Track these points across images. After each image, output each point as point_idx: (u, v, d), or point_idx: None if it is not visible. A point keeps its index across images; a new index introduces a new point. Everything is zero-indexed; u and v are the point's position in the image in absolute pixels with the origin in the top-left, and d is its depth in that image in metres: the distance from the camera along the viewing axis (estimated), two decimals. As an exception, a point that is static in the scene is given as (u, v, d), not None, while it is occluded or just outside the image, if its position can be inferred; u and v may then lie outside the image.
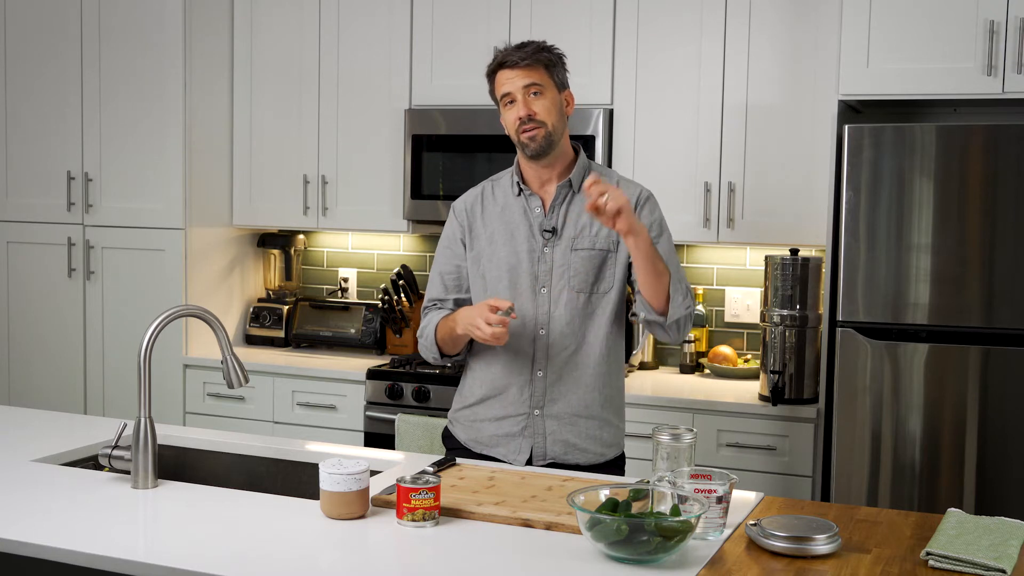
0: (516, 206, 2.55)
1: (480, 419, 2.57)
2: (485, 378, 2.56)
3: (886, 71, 3.23)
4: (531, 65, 2.45)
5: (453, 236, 2.61)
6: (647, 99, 3.76)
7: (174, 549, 1.86)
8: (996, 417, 3.09)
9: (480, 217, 2.58)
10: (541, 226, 2.52)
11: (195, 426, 4.00)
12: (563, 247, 2.50)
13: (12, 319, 4.47)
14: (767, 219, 3.62)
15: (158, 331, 2.25)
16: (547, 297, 2.50)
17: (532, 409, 2.52)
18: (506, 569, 1.80)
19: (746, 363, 3.86)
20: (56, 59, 4.31)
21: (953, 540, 1.86)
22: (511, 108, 2.48)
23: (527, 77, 2.45)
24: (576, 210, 2.51)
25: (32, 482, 2.26)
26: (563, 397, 2.51)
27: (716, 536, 1.95)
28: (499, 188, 2.60)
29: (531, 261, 2.51)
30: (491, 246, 2.55)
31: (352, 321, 4.32)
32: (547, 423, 2.51)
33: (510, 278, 2.52)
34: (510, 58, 2.46)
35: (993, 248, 3.06)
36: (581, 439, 2.52)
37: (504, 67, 2.47)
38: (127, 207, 4.24)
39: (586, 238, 2.50)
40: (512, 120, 2.48)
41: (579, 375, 2.51)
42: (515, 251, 2.52)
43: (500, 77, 2.49)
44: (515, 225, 2.54)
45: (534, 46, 2.49)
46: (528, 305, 2.51)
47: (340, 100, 4.18)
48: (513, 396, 2.52)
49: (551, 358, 2.50)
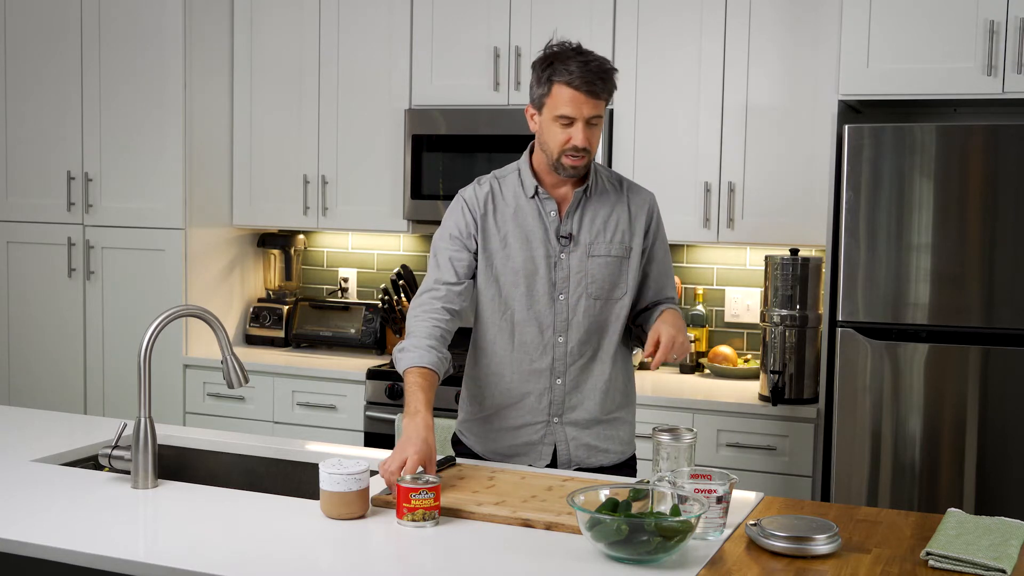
0: (530, 208, 2.45)
1: (497, 429, 2.50)
2: (499, 387, 2.49)
3: (886, 71, 3.23)
4: (601, 97, 2.33)
5: (466, 229, 2.46)
6: (647, 99, 3.76)
7: (174, 549, 1.86)
8: (996, 417, 3.09)
9: (492, 216, 2.46)
10: (557, 231, 2.44)
11: (195, 426, 4.00)
12: (580, 253, 2.43)
13: (12, 319, 4.47)
14: (767, 219, 3.62)
15: (158, 331, 2.25)
16: (565, 304, 2.44)
17: (551, 417, 2.47)
18: (506, 569, 1.80)
19: (746, 363, 3.86)
20: (56, 59, 4.31)
21: (953, 540, 1.86)
22: (564, 129, 2.33)
23: (595, 109, 2.33)
24: (591, 215, 2.45)
25: (32, 482, 2.25)
26: (581, 404, 2.47)
27: (716, 536, 1.95)
28: (507, 187, 2.48)
29: (548, 267, 2.44)
30: (505, 249, 2.45)
31: (352, 321, 4.32)
32: (567, 429, 2.47)
33: (527, 284, 2.43)
34: (584, 87, 2.29)
35: (993, 248, 3.06)
36: (602, 441, 2.49)
37: (577, 90, 2.30)
38: (127, 207, 4.24)
39: (602, 244, 2.44)
40: (562, 141, 2.34)
41: (596, 381, 2.47)
42: (531, 256, 2.44)
43: (562, 93, 2.31)
44: (530, 229, 2.44)
45: (607, 71, 2.34)
46: (546, 312, 2.44)
47: (340, 100, 4.18)
48: (531, 404, 2.47)
49: (569, 366, 2.45)
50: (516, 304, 2.45)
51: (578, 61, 2.31)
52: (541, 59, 2.38)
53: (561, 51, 2.35)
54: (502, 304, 2.46)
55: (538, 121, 2.40)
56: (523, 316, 2.45)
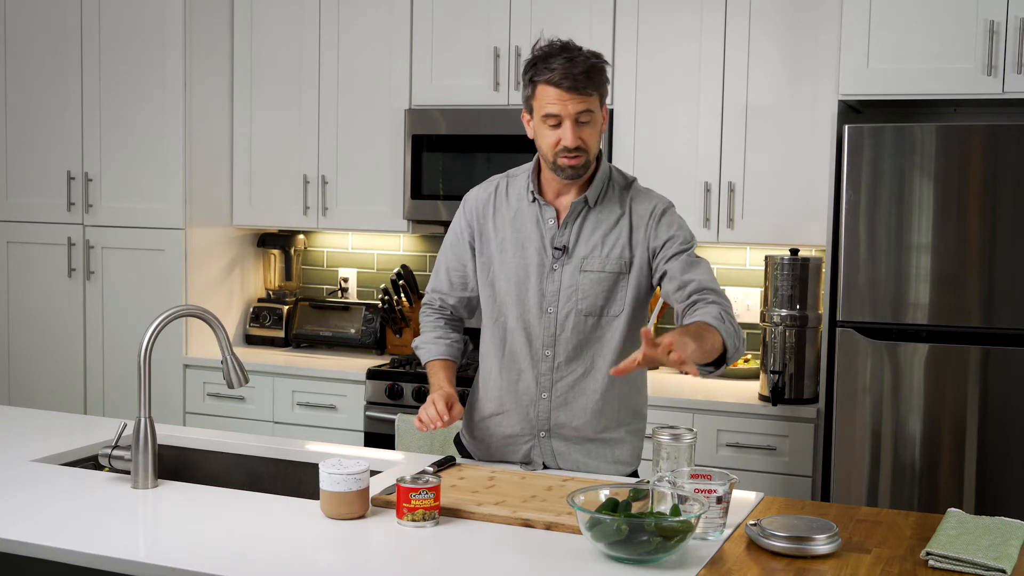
0: (529, 214, 2.39)
1: (490, 434, 2.47)
2: (493, 394, 2.45)
3: (886, 71, 3.23)
4: (588, 92, 2.23)
5: (460, 235, 2.47)
6: (647, 99, 3.76)
7: (174, 549, 1.86)
8: (996, 417, 3.09)
9: (492, 219, 2.42)
10: (552, 241, 2.36)
11: (195, 426, 4.00)
12: (572, 267, 2.34)
13: (12, 319, 4.47)
14: (767, 219, 3.62)
15: (158, 331, 2.25)
16: (553, 319, 2.35)
17: (538, 431, 2.41)
18: (506, 569, 1.80)
19: (746, 363, 3.86)
20: (56, 59, 4.31)
21: (953, 540, 1.86)
22: (554, 130, 2.26)
23: (582, 103, 2.23)
24: (589, 227, 2.35)
25: (32, 482, 2.25)
26: (569, 422, 2.38)
27: (716, 536, 1.95)
28: (513, 189, 2.42)
29: (539, 277, 2.36)
30: (501, 254, 2.40)
31: (352, 321, 4.32)
32: (555, 443, 2.41)
33: (518, 292, 2.38)
34: (566, 82, 2.21)
35: (993, 248, 3.06)
36: (593, 459, 2.41)
37: (557, 87, 2.22)
38: (127, 207, 4.24)
39: (596, 259, 2.34)
40: (553, 142, 2.26)
41: (586, 400, 2.38)
42: (525, 264, 2.37)
43: (547, 92, 2.24)
44: (527, 235, 2.38)
45: (592, 65, 2.24)
46: (535, 323, 2.37)
47: (340, 100, 4.18)
48: (518, 416, 2.42)
49: (556, 382, 2.37)
50: (508, 311, 2.40)
51: (562, 58, 2.23)
52: (527, 61, 2.31)
53: (544, 52, 2.27)
54: (496, 309, 2.43)
55: (531, 125, 2.34)
56: (514, 324, 2.40)
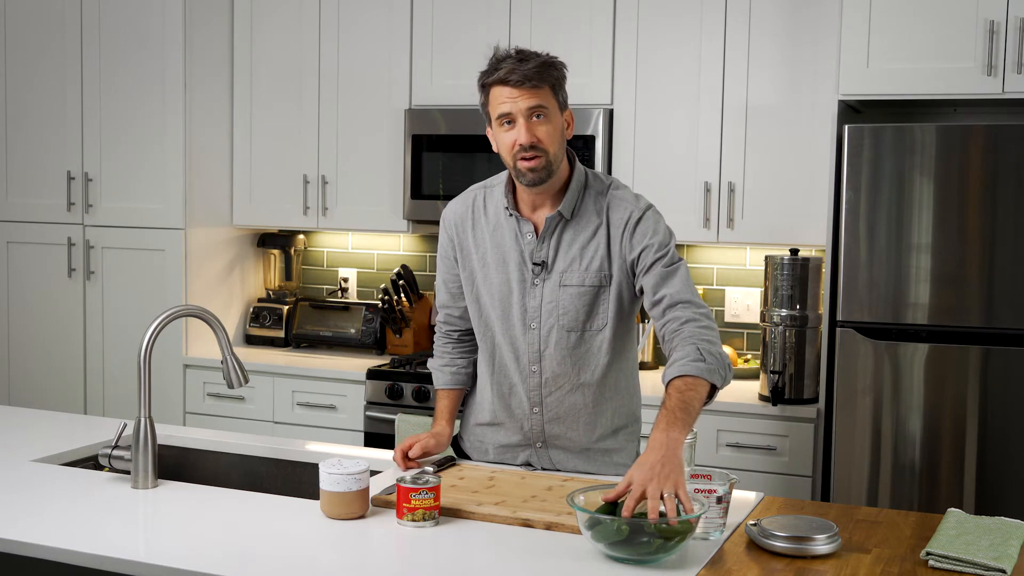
0: (508, 227, 2.34)
1: (488, 442, 2.47)
2: (487, 406, 2.44)
3: (886, 71, 3.23)
4: (537, 86, 2.18)
5: (446, 249, 2.44)
6: (647, 99, 3.76)
7: (174, 549, 1.86)
8: (996, 417, 3.09)
9: (471, 233, 2.38)
10: (531, 257, 2.31)
11: (195, 426, 4.00)
12: (552, 282, 2.29)
13: (12, 319, 4.47)
14: (767, 219, 3.62)
15: (158, 331, 2.25)
16: (537, 335, 2.32)
17: (534, 442, 2.40)
18: (506, 569, 1.80)
19: (746, 363, 3.86)
20: (56, 59, 4.31)
21: (953, 540, 1.86)
22: (509, 130, 2.21)
23: (532, 98, 2.18)
24: (567, 240, 2.29)
25: (32, 482, 2.25)
26: (564, 434, 2.37)
27: (716, 536, 1.95)
28: (491, 200, 2.38)
29: (521, 293, 2.32)
30: (484, 269, 2.36)
31: (352, 321, 4.32)
32: (552, 453, 2.40)
33: (502, 308, 2.35)
34: (513, 76, 2.17)
35: (993, 248, 3.06)
36: (592, 465, 2.40)
37: (506, 84, 2.18)
38: (127, 207, 4.24)
39: (575, 273, 2.28)
40: (510, 144, 2.21)
41: (578, 414, 2.36)
42: (507, 279, 2.33)
43: (498, 93, 2.20)
44: (507, 250, 2.33)
45: (540, 61, 2.20)
46: (520, 339, 2.34)
47: (340, 100, 4.18)
48: (513, 429, 2.41)
49: (545, 397, 2.35)
50: (496, 326, 2.38)
51: (512, 60, 2.20)
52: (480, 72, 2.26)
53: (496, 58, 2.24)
54: (483, 324, 2.41)
55: (492, 134, 2.29)
56: (501, 339, 2.38)
